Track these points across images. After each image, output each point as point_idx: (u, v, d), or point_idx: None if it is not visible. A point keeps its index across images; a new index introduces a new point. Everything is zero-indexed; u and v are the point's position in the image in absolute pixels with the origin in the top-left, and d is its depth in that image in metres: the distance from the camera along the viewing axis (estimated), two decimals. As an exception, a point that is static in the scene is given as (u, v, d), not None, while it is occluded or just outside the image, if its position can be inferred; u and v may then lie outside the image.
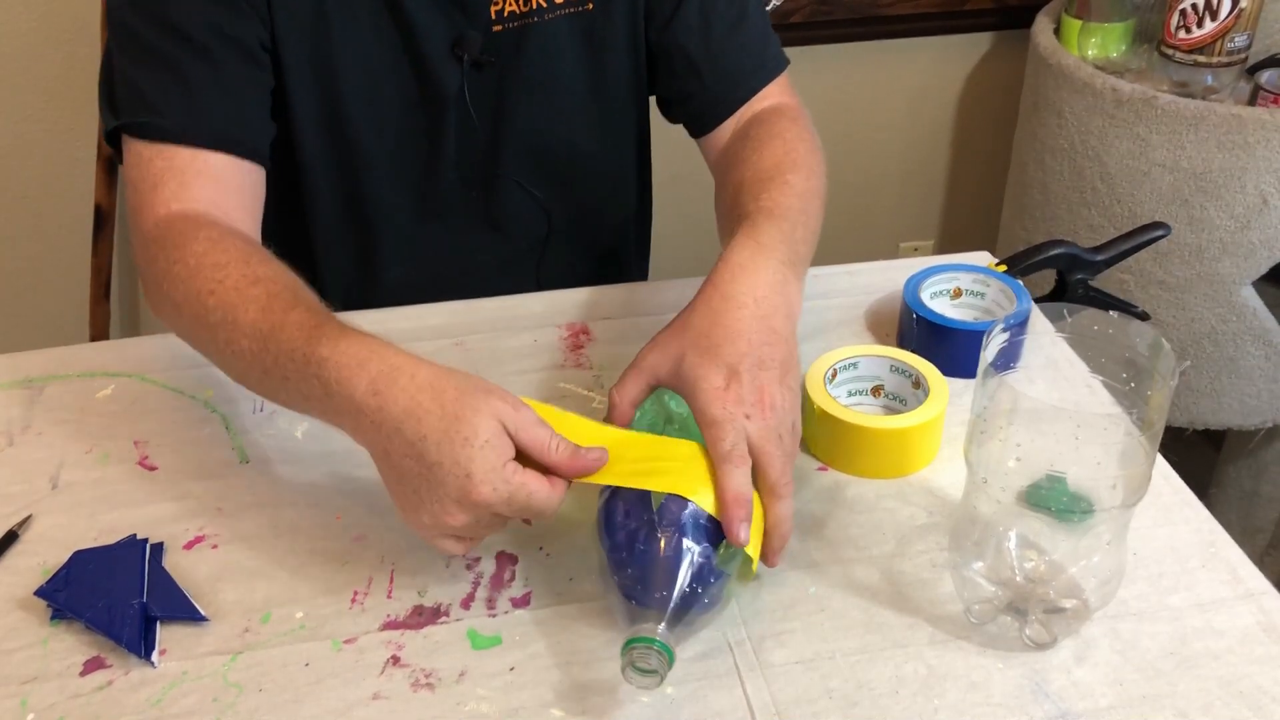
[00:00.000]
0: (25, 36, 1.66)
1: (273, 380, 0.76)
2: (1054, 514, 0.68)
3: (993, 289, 0.98)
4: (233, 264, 0.81)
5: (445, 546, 0.72)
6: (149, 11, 0.90)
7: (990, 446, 0.69)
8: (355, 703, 0.69)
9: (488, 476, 0.67)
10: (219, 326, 0.79)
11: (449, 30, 0.98)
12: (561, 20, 1.02)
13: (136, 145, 0.90)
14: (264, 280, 0.79)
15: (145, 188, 0.89)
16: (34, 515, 0.82)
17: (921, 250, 2.17)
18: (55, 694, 0.69)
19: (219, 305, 0.79)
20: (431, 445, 0.68)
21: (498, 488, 0.67)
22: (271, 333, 0.75)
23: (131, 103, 0.91)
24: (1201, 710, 0.68)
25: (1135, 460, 0.67)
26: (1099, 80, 1.58)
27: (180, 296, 0.82)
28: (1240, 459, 1.84)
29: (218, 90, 0.91)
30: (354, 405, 0.70)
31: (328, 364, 0.71)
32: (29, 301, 1.89)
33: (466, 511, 0.68)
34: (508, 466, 0.68)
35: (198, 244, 0.83)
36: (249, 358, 0.77)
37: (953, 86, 2.01)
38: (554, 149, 1.08)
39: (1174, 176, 1.55)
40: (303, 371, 0.73)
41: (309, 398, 0.74)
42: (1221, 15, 1.53)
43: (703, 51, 1.03)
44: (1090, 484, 0.67)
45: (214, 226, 0.85)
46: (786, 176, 0.90)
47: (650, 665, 0.65)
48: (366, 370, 0.70)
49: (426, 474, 0.68)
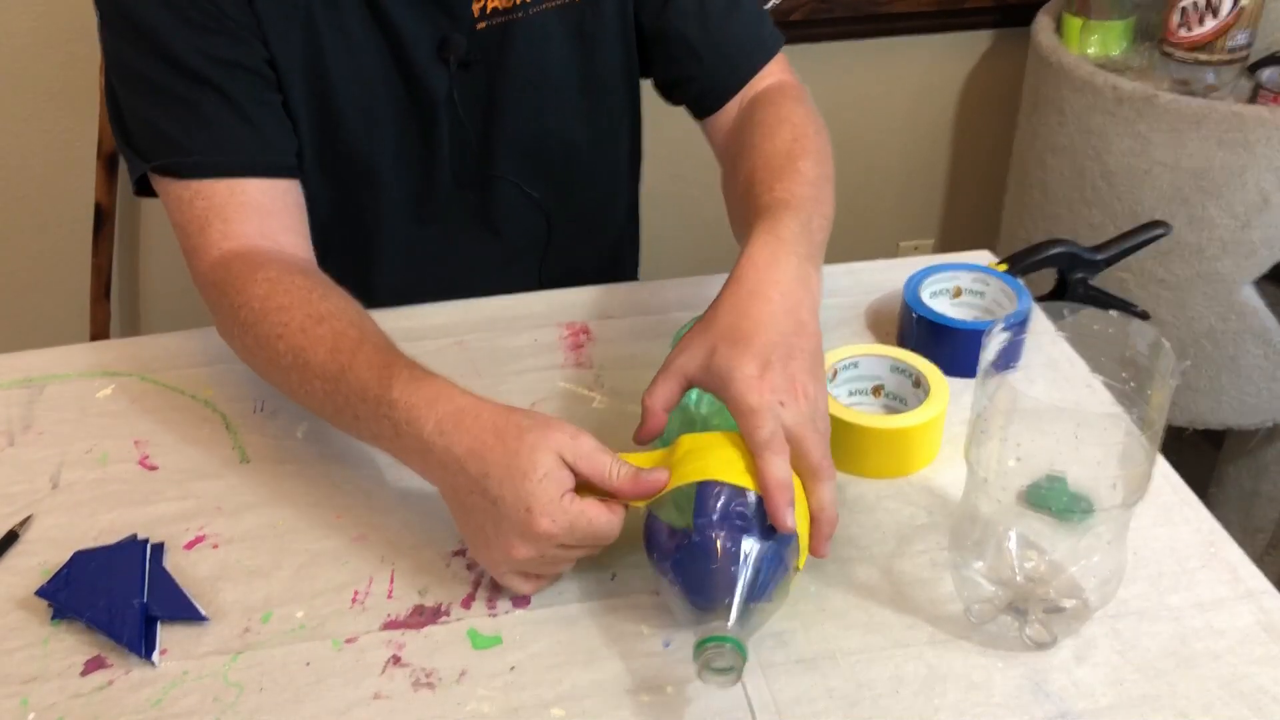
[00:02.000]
0: (25, 36, 1.66)
1: (345, 418, 0.80)
2: (1054, 514, 0.68)
3: (993, 288, 0.98)
4: (295, 306, 0.83)
5: (515, 585, 0.74)
6: (148, 50, 0.90)
7: (990, 446, 0.69)
8: (356, 702, 0.69)
9: (547, 508, 0.69)
10: (291, 370, 0.82)
11: (433, 33, 0.98)
12: (549, 14, 1.01)
13: (172, 186, 0.92)
14: (328, 318, 0.82)
15: (193, 230, 0.91)
16: (34, 515, 0.82)
17: (921, 250, 2.17)
18: (56, 694, 0.70)
19: (289, 350, 0.82)
20: (494, 482, 0.70)
21: (557, 519, 0.69)
22: (341, 374, 0.78)
23: (155, 145, 0.92)
24: (1202, 710, 0.68)
25: (1135, 460, 0.67)
26: (1100, 78, 1.58)
27: (251, 341, 0.85)
28: (1240, 458, 1.84)
29: (235, 118, 0.92)
30: (422, 444, 0.73)
31: (397, 405, 0.74)
32: (29, 301, 1.89)
33: (530, 545, 0.70)
34: (566, 497, 0.69)
35: (258, 287, 0.85)
36: (322, 397, 0.80)
37: (953, 85, 2.01)
38: (547, 145, 1.08)
39: (1175, 175, 1.55)
40: (374, 412, 0.76)
41: (379, 436, 0.77)
42: (1222, 13, 1.53)
43: (701, 34, 1.03)
44: (1090, 484, 0.67)
45: (270, 265, 0.88)
46: (798, 164, 0.90)
47: (725, 663, 0.65)
48: (434, 411, 0.73)
49: (491, 509, 0.70)
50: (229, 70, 0.91)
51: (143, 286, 1.93)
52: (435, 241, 1.10)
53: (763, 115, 0.98)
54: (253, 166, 0.93)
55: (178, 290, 1.93)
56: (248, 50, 0.92)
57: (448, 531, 0.80)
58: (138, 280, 1.92)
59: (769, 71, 1.04)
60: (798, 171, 0.89)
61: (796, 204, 0.85)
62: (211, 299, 0.90)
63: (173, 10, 0.89)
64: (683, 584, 0.68)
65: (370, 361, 0.78)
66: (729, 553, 0.67)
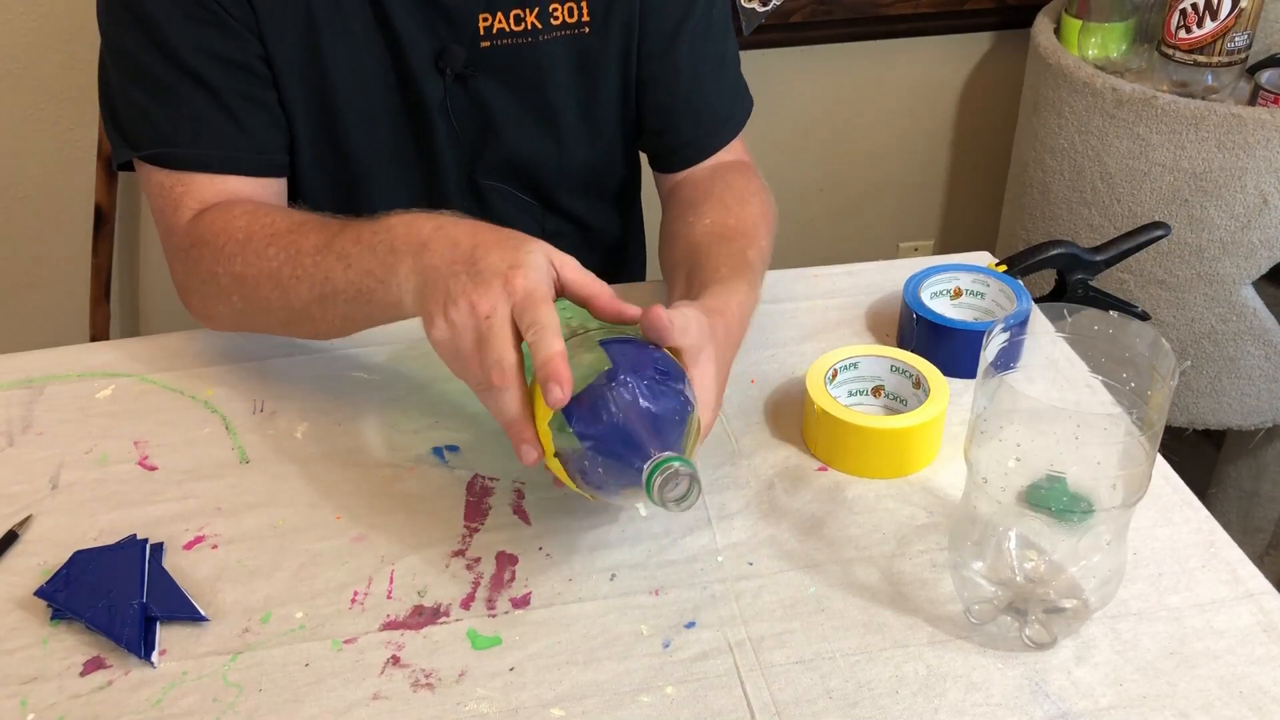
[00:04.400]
0: (25, 36, 1.66)
1: (334, 282, 0.81)
2: (1054, 514, 0.68)
3: (993, 289, 0.98)
4: (279, 217, 0.88)
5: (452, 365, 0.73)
6: (145, 38, 0.90)
7: (990, 446, 0.69)
8: (355, 703, 0.69)
9: (529, 272, 0.70)
10: (283, 266, 0.84)
11: (433, 43, 0.98)
12: (556, 43, 1.01)
13: (155, 173, 0.94)
14: (313, 217, 0.87)
15: (168, 209, 0.93)
16: (34, 515, 0.82)
17: (921, 250, 2.17)
18: (55, 694, 0.70)
19: (280, 250, 0.85)
20: (485, 250, 0.73)
21: (531, 282, 0.70)
22: (333, 238, 0.82)
23: (142, 133, 0.93)
24: (1201, 710, 0.68)
25: (1135, 460, 0.67)
26: (1099, 80, 1.58)
27: (239, 266, 0.87)
28: (1240, 459, 1.84)
29: (223, 116, 0.93)
30: (418, 243, 0.76)
31: (395, 227, 0.78)
32: (29, 301, 1.89)
33: (494, 297, 0.70)
34: (545, 281, 0.71)
35: (238, 220, 0.89)
36: (311, 272, 0.83)
37: (953, 86, 2.01)
38: (542, 163, 1.08)
39: (1174, 176, 1.55)
40: (369, 245, 0.79)
41: (369, 272, 0.79)
42: (1221, 15, 1.53)
43: (686, 91, 1.06)
44: (1090, 484, 0.67)
45: (245, 203, 0.91)
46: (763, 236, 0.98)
47: (682, 488, 0.65)
48: (434, 219, 0.78)
49: (470, 268, 0.72)
50: (222, 65, 0.91)
51: (143, 287, 1.93)
52: None
53: (736, 181, 1.04)
54: (238, 164, 0.94)
55: (177, 291, 1.93)
56: (243, 46, 0.92)
57: (448, 531, 0.80)
58: (138, 280, 1.92)
59: (733, 144, 1.10)
60: (762, 239, 0.97)
61: (759, 266, 0.93)
62: (191, 260, 0.91)
63: (173, 2, 0.89)
64: (603, 453, 0.68)
65: (365, 221, 0.82)
66: (644, 395, 0.68)
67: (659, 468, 0.65)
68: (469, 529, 0.81)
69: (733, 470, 0.86)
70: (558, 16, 1.00)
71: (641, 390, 0.68)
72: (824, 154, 2.03)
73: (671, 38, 1.04)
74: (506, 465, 0.85)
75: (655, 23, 1.03)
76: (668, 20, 1.04)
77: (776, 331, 1.00)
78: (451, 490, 0.84)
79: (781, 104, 1.94)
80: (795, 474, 0.86)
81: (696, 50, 1.05)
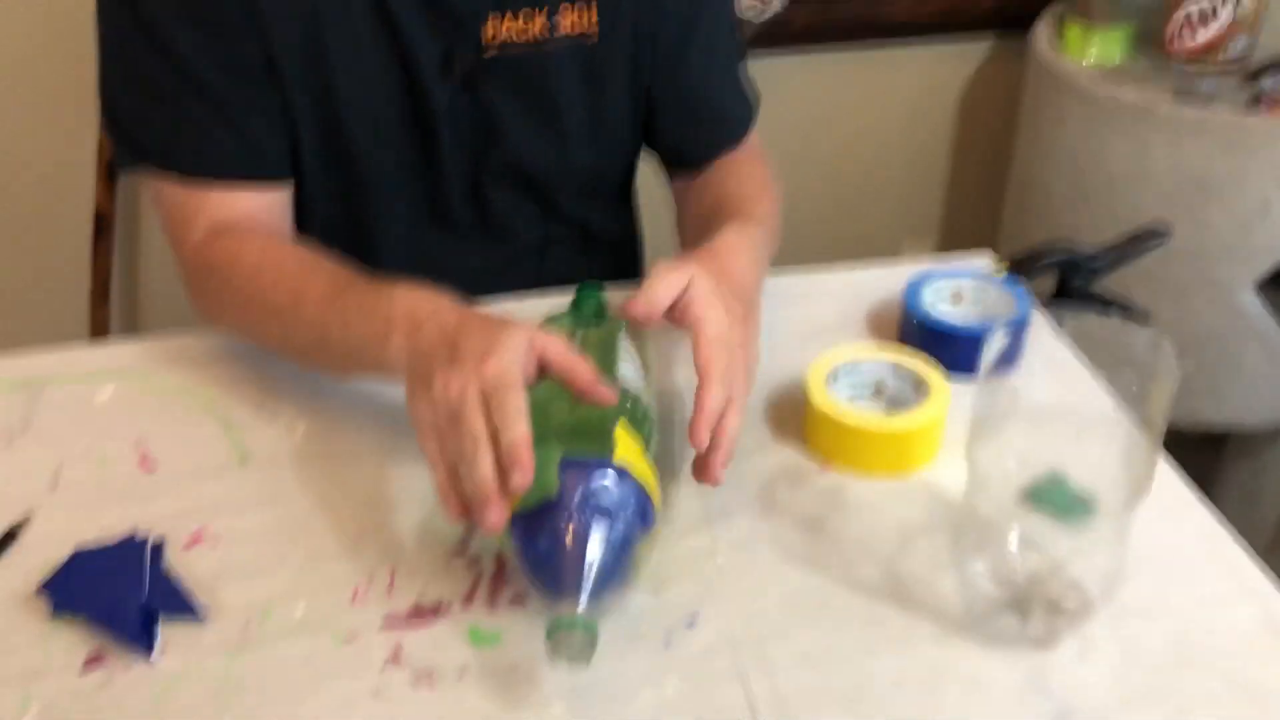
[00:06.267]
0: (25, 37, 1.66)
1: (334, 334, 0.83)
2: (1055, 514, 0.68)
3: (993, 292, 0.99)
4: (289, 258, 0.90)
5: (425, 440, 0.73)
6: (147, 44, 0.90)
7: (991, 446, 0.69)
8: (355, 700, 0.69)
9: (503, 356, 0.71)
10: (285, 309, 0.87)
11: (440, 48, 0.98)
12: (563, 52, 1.01)
13: (165, 185, 0.95)
14: (324, 264, 0.89)
15: (177, 220, 0.95)
16: (34, 515, 0.82)
17: (922, 253, 2.17)
18: (56, 691, 0.69)
19: (286, 291, 0.87)
20: (466, 334, 0.74)
21: (504, 365, 0.71)
22: (340, 293, 0.84)
23: (144, 142, 0.94)
24: (1203, 708, 0.68)
25: (1136, 460, 0.67)
26: (1099, 86, 1.58)
27: (244, 296, 0.90)
28: (1241, 459, 1.85)
29: (227, 121, 0.93)
30: (414, 321, 0.78)
31: (397, 298, 0.80)
32: (29, 301, 1.89)
33: (464, 379, 0.71)
34: (518, 365, 0.72)
35: (250, 255, 0.91)
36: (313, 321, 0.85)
37: (953, 92, 2.01)
38: (547, 169, 1.08)
39: (1175, 181, 1.55)
40: (371, 312, 0.81)
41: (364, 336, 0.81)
42: (1221, 21, 1.53)
43: (698, 95, 1.08)
44: (1091, 485, 0.67)
45: (259, 236, 0.93)
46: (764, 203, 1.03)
47: (576, 647, 0.66)
48: (438, 301, 0.79)
49: (451, 351, 0.73)
50: (226, 69, 0.91)
51: (143, 287, 1.93)
52: (436, 246, 1.10)
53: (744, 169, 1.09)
54: (242, 171, 0.95)
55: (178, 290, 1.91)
56: (244, 50, 0.92)
57: (448, 530, 0.80)
58: (138, 281, 1.92)
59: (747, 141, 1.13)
60: (764, 206, 1.01)
61: (761, 223, 0.97)
62: (198, 279, 0.93)
63: (174, 5, 0.89)
64: (532, 574, 0.70)
65: (370, 284, 0.84)
66: (579, 538, 0.68)
67: (561, 626, 0.66)
68: (469, 528, 0.81)
69: (733, 469, 0.86)
70: (565, 24, 1.00)
71: (576, 530, 0.69)
72: (825, 162, 2.03)
73: (683, 44, 1.05)
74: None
75: (667, 30, 1.04)
76: (679, 27, 1.05)
77: (777, 332, 1.00)
78: (452, 489, 0.84)
79: (782, 111, 1.94)
80: (795, 474, 0.86)
81: (707, 54, 1.07)
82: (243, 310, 0.91)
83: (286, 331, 0.88)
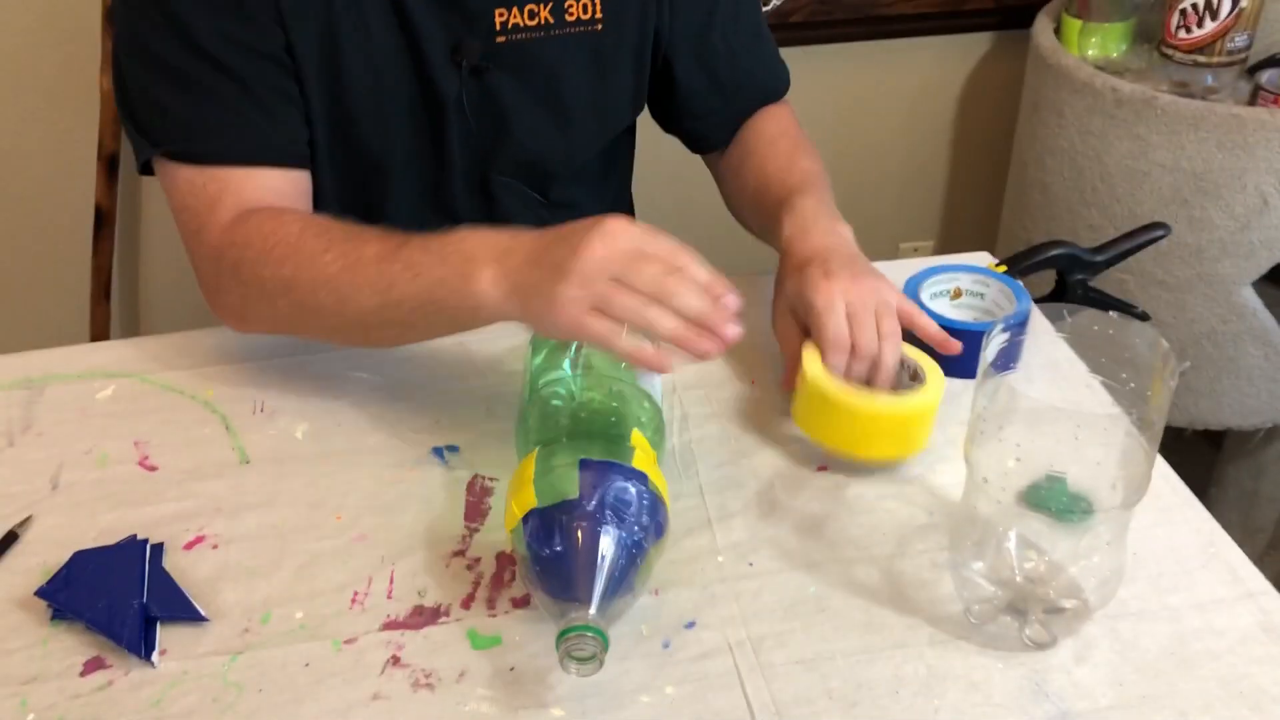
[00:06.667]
0: (25, 36, 1.66)
1: (398, 289, 0.82)
2: (1054, 514, 0.68)
3: (992, 289, 0.98)
4: (333, 225, 0.88)
5: (588, 323, 0.74)
6: (169, 32, 0.90)
7: (990, 446, 0.69)
8: (355, 703, 0.69)
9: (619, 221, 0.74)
10: (341, 273, 0.85)
11: (449, 36, 0.98)
12: (569, 39, 1.02)
13: (182, 170, 0.93)
14: (367, 229, 0.87)
15: (201, 209, 0.92)
16: (34, 515, 0.82)
17: (921, 250, 2.17)
18: (55, 694, 0.70)
19: (338, 256, 0.85)
20: (563, 231, 0.77)
21: (627, 224, 0.74)
22: (398, 249, 0.83)
23: (167, 129, 0.93)
24: (1201, 710, 0.68)
25: (1135, 460, 0.67)
26: (1099, 80, 1.58)
27: (289, 271, 0.87)
28: (1240, 459, 1.84)
29: (250, 106, 0.93)
30: (499, 248, 0.79)
31: (467, 236, 0.81)
32: (29, 301, 1.89)
33: (604, 242, 0.73)
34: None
35: (291, 224, 0.89)
36: (374, 280, 0.83)
37: (953, 86, 2.01)
38: (551, 158, 1.09)
39: (1174, 177, 1.55)
40: (439, 254, 0.81)
41: (442, 279, 0.80)
42: (1222, 15, 1.53)
43: (725, 73, 1.10)
44: (1090, 484, 0.67)
45: (292, 210, 0.92)
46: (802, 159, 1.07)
47: (587, 652, 0.65)
48: (502, 230, 0.80)
49: (563, 244, 0.75)
50: (247, 56, 0.91)
51: (143, 286, 1.93)
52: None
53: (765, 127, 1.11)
54: (267, 155, 0.94)
55: (178, 290, 1.93)
56: (267, 36, 0.92)
57: (448, 531, 0.80)
58: (138, 280, 1.92)
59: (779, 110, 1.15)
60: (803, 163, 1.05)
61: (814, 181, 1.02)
62: (226, 261, 0.90)
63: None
64: (543, 575, 0.69)
65: (423, 236, 0.83)
66: (595, 541, 0.68)
67: (572, 631, 0.65)
68: (469, 529, 0.81)
69: (733, 470, 0.86)
70: (571, 13, 1.01)
71: (593, 533, 0.68)
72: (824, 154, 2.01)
73: (705, 27, 1.07)
74: (506, 465, 0.85)
75: (686, 16, 1.06)
76: (698, 11, 1.07)
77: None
78: (451, 490, 0.84)
79: (781, 104, 1.94)
80: (795, 474, 0.86)
81: (730, 32, 1.09)
82: (286, 289, 0.88)
83: (342, 301, 0.85)
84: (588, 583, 0.67)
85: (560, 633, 0.65)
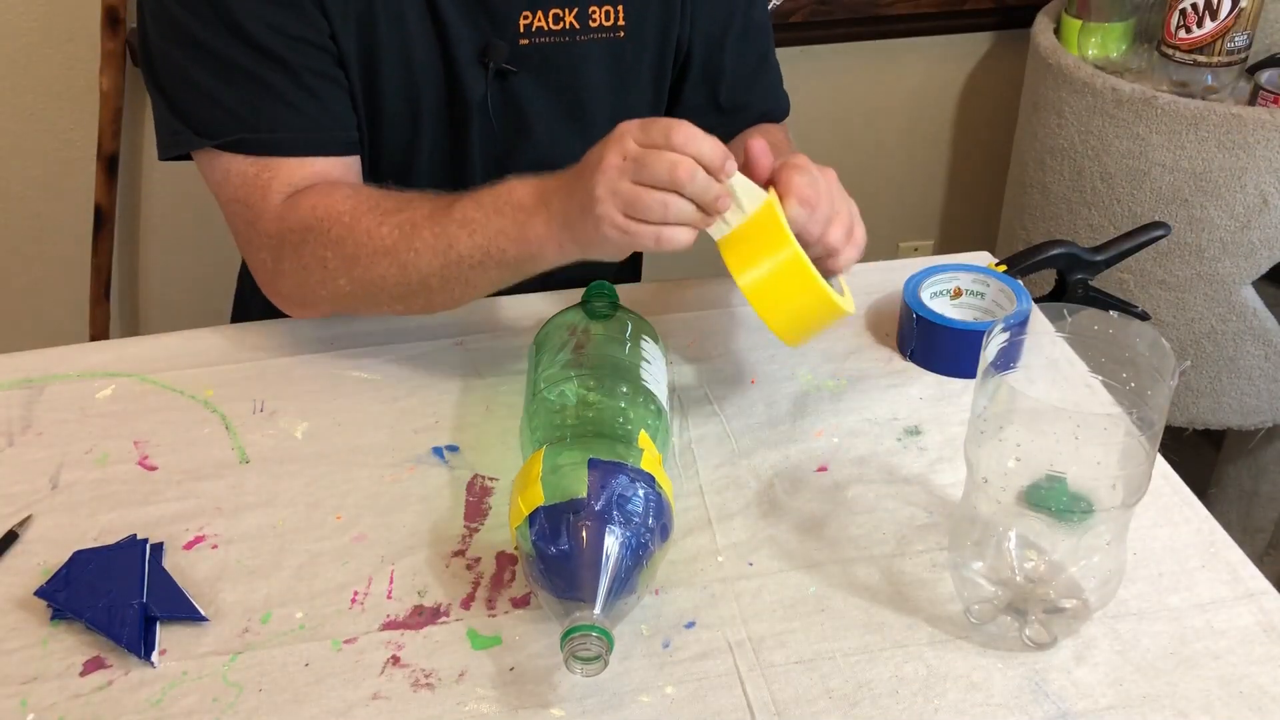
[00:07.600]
0: (25, 36, 1.66)
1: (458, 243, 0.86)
2: (1054, 514, 0.68)
3: (992, 289, 0.98)
4: (381, 196, 0.91)
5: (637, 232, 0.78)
6: (218, 23, 0.90)
7: (990, 446, 0.69)
8: (355, 703, 0.69)
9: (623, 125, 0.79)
10: (399, 241, 0.88)
11: (477, 38, 0.99)
12: (592, 44, 1.03)
13: (234, 161, 0.93)
14: (411, 194, 0.91)
15: (255, 198, 0.94)
16: (34, 515, 0.82)
17: (921, 250, 2.17)
18: (55, 694, 0.70)
19: (394, 226, 0.88)
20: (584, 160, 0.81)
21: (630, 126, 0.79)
22: (449, 207, 0.87)
23: (217, 120, 0.93)
24: (1201, 710, 0.68)
25: (1135, 460, 0.67)
26: (1099, 80, 1.58)
27: (351, 248, 0.89)
28: (1240, 459, 1.84)
29: (302, 95, 0.93)
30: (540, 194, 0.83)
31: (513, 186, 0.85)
32: (29, 301, 1.89)
33: (615, 150, 0.78)
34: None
35: (341, 202, 0.91)
36: (431, 240, 0.87)
37: (952, 86, 2.01)
38: (568, 161, 1.09)
39: (1174, 176, 1.55)
40: (491, 205, 0.85)
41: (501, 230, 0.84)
42: (1221, 15, 1.53)
43: (729, 91, 1.11)
44: (1090, 484, 0.67)
45: (342, 184, 0.94)
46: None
47: (592, 652, 0.65)
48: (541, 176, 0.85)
49: (586, 166, 0.80)
50: (297, 45, 0.92)
51: (143, 286, 1.93)
52: None
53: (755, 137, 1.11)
54: (321, 144, 0.95)
55: (178, 290, 1.93)
56: (311, 26, 0.92)
57: (448, 531, 0.80)
58: (138, 280, 1.92)
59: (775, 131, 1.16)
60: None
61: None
62: (288, 240, 0.92)
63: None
64: (548, 574, 0.69)
65: (468, 193, 0.87)
66: (602, 539, 0.68)
67: (577, 631, 0.65)
68: (469, 529, 0.81)
69: (733, 470, 0.86)
70: (595, 19, 1.02)
71: (600, 532, 0.68)
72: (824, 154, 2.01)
73: (718, 47, 1.09)
74: (506, 465, 0.85)
75: (703, 28, 1.07)
76: (714, 25, 1.08)
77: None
78: (451, 490, 0.84)
79: (781, 104, 1.94)
80: (795, 474, 0.86)
81: (738, 52, 1.10)
82: (349, 265, 0.90)
83: (404, 269, 0.88)
84: (593, 583, 0.67)
85: (565, 633, 0.65)
